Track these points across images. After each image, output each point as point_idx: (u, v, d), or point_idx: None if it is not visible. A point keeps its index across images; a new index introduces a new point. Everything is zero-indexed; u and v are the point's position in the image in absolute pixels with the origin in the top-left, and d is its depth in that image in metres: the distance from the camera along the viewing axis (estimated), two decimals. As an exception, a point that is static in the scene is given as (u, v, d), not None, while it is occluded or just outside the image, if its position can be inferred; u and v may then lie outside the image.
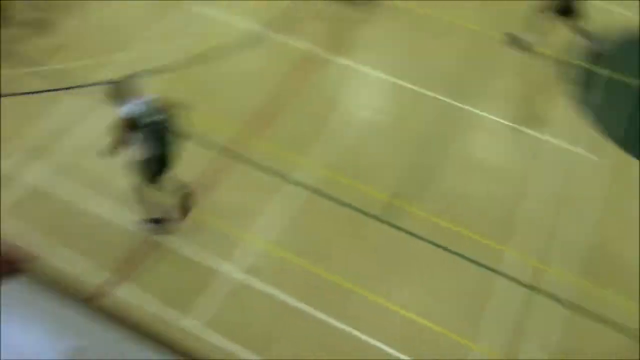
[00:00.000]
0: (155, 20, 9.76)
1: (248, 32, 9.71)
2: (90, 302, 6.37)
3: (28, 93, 8.28)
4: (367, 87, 9.25)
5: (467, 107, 8.94)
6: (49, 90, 8.33)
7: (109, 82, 6.36)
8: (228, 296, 6.67)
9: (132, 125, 6.03)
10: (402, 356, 6.36)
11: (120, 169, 6.69)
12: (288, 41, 9.62)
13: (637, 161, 8.46)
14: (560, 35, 9.74)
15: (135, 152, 6.30)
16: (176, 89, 8.63)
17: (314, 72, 9.22)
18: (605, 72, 9.64)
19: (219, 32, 9.67)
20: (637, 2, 10.74)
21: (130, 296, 6.55)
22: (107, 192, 7.40)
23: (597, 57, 9.71)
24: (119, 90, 6.13)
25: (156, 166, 6.40)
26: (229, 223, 7.28)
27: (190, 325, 6.39)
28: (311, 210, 7.55)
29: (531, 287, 7.02)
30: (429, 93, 9.07)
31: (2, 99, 8.14)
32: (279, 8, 10.16)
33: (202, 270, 6.84)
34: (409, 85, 9.18)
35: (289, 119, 8.49)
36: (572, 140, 8.64)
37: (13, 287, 5.94)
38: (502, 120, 8.82)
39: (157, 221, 7.03)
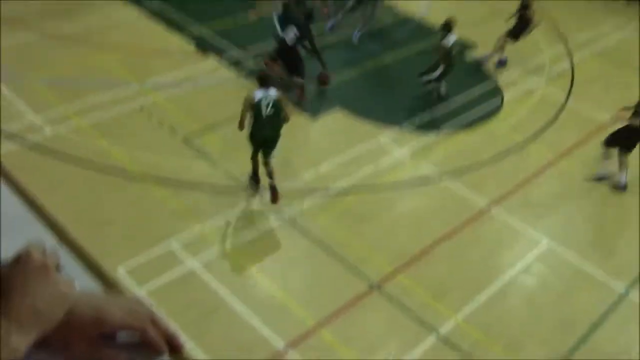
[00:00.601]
0: (348, 146, 10.37)
1: (424, 174, 9.93)
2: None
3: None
4: (530, 250, 8.85)
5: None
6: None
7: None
8: None
9: (249, 103, 8.31)
10: None
11: (270, 282, 6.93)
12: (459, 190, 9.66)
13: None
14: None
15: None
16: (345, 207, 9.02)
17: (477, 225, 9.08)
18: None
19: (399, 167, 10.05)
20: None
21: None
22: (253, 297, 7.67)
23: None
24: (262, 79, 8.44)
25: (253, 140, 8.56)
26: (354, 354, 7.14)
27: None
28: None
29: None
30: (601, 276, 8.45)
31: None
32: (462, 160, 10.37)
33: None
34: (580, 263, 8.66)
35: (441, 266, 8.36)
36: None
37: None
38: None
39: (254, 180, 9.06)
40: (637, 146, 9.69)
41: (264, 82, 8.39)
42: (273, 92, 8.35)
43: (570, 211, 9.71)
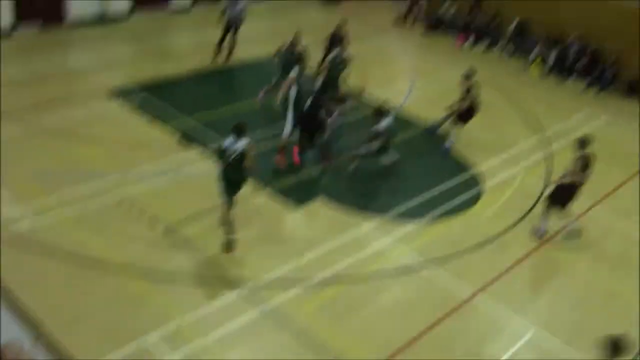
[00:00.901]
0: (330, 235, 10.37)
1: (407, 264, 9.89)
2: None
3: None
4: (517, 340, 8.70)
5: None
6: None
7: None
8: None
9: (218, 150, 9.35)
10: None
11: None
12: (442, 279, 9.61)
13: None
14: None
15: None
16: (328, 298, 8.91)
17: (462, 314, 8.98)
18: None
19: (382, 257, 10.02)
20: None
21: None
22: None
23: None
24: (236, 129, 9.19)
25: (222, 184, 9.42)
26: None
27: None
28: None
29: None
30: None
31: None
32: (444, 248, 10.39)
33: None
34: (567, 351, 8.54)
35: (427, 358, 8.15)
36: None
37: None
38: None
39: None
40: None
41: (237, 132, 9.14)
42: (241, 144, 9.12)
43: (555, 297, 9.68)
